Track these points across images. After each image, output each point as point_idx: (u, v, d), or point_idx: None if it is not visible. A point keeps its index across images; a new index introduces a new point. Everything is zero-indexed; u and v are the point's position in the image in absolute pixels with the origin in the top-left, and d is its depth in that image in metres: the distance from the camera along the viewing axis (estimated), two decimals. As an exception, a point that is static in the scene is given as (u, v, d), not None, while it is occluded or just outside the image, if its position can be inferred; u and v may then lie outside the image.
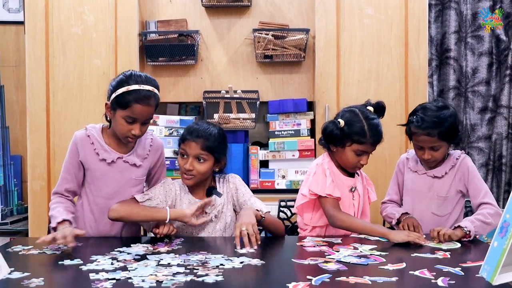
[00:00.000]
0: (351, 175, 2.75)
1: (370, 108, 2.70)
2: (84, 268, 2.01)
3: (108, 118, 2.57)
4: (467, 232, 2.50)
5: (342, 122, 2.63)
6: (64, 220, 2.40)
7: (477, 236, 2.59)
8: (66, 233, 2.27)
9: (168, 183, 2.67)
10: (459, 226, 2.52)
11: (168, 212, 2.51)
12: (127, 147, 2.61)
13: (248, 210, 2.55)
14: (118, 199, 2.58)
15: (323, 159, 2.74)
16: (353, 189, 2.72)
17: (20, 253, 2.27)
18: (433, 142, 2.65)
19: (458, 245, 2.41)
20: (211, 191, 2.68)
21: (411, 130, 2.71)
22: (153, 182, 2.75)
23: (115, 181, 2.60)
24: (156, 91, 2.50)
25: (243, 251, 2.27)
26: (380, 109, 2.73)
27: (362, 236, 2.60)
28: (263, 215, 2.56)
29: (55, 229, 2.39)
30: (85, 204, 2.62)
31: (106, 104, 2.53)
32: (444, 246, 2.38)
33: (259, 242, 2.38)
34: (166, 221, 2.51)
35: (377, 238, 2.51)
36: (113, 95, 2.47)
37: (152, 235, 2.59)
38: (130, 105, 2.44)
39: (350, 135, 2.61)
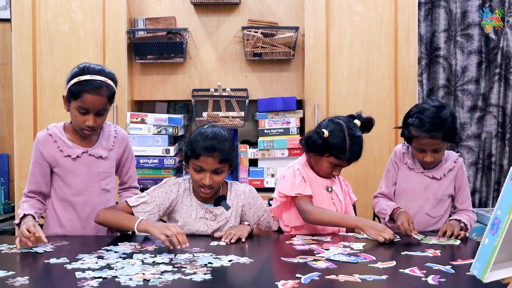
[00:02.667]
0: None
1: (357, 122, 2.65)
2: (70, 266, 1.98)
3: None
4: (464, 228, 2.60)
5: (326, 133, 2.59)
6: (26, 215, 2.41)
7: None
8: (29, 225, 2.30)
9: (170, 184, 2.57)
10: (459, 220, 2.62)
11: (136, 224, 2.35)
12: (91, 141, 2.59)
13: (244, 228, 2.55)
14: (88, 194, 2.58)
15: (299, 161, 2.73)
16: (329, 189, 2.69)
17: (3, 252, 2.24)
18: (437, 144, 2.61)
19: (458, 241, 2.45)
20: (220, 201, 2.58)
21: (410, 133, 2.65)
22: (123, 174, 2.74)
23: (83, 175, 2.57)
24: (109, 82, 2.49)
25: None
26: (367, 125, 2.68)
27: (351, 234, 2.59)
28: (251, 229, 2.56)
29: (18, 225, 2.40)
30: (56, 203, 2.59)
31: (63, 96, 2.54)
32: (444, 242, 2.43)
33: (233, 241, 2.42)
34: (135, 231, 2.39)
35: (366, 236, 2.50)
36: (67, 86, 2.48)
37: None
38: (81, 95, 2.43)
39: (330, 148, 2.57)
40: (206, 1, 4.02)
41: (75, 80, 2.45)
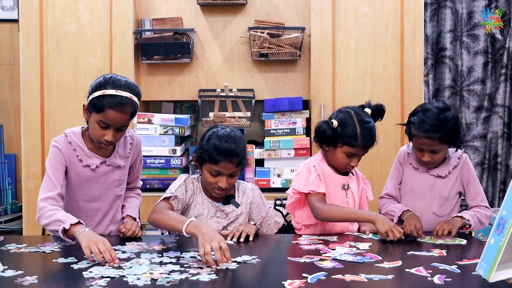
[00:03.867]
0: (345, 173, 2.74)
1: (368, 110, 2.67)
2: (78, 266, 2.00)
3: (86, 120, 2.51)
4: (467, 225, 2.56)
5: (335, 122, 2.60)
6: (79, 222, 2.23)
7: (473, 233, 2.60)
8: (107, 247, 2.07)
9: (188, 182, 2.61)
10: (461, 217, 2.57)
11: (185, 226, 2.23)
12: (108, 149, 2.54)
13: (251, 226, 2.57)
14: (102, 200, 2.57)
15: (315, 158, 2.73)
16: (345, 187, 2.70)
17: (11, 251, 2.25)
18: (434, 145, 2.61)
19: (464, 241, 2.42)
20: (229, 200, 2.63)
21: (411, 131, 2.67)
22: (131, 176, 2.71)
23: (99, 184, 2.55)
24: (134, 98, 2.40)
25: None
26: (378, 111, 2.70)
27: (356, 234, 2.60)
28: (257, 228, 2.59)
29: (66, 231, 2.21)
30: (68, 208, 2.46)
31: (83, 105, 2.46)
32: (450, 241, 2.41)
33: (242, 239, 2.44)
34: (183, 233, 2.30)
35: (371, 237, 2.51)
36: (90, 97, 2.40)
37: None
38: (104, 110, 2.35)
39: (342, 137, 2.58)
40: (212, 2, 4.03)
41: (99, 93, 2.36)
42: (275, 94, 4.11)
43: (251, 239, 2.45)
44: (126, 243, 2.35)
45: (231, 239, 2.42)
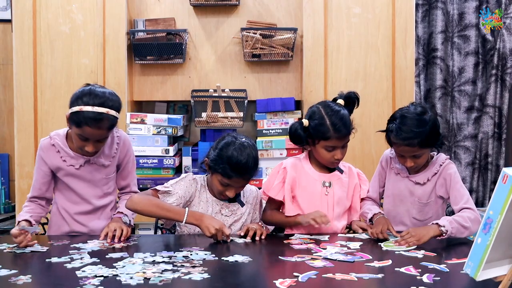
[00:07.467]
0: (331, 170, 2.73)
1: (341, 101, 2.67)
2: (71, 265, 2.02)
3: None
4: (444, 233, 2.43)
5: (306, 122, 2.61)
6: (22, 220, 2.46)
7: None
8: (13, 232, 2.33)
9: (189, 178, 2.63)
10: (437, 224, 2.45)
11: (186, 214, 2.45)
12: None
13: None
14: (93, 196, 2.64)
15: (300, 156, 2.76)
16: (326, 184, 2.70)
17: (4, 251, 2.27)
18: (414, 151, 2.58)
19: (421, 255, 2.22)
20: (235, 199, 2.65)
21: (390, 139, 2.64)
22: (122, 178, 2.75)
23: (86, 181, 2.62)
24: (111, 112, 2.43)
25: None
26: (352, 100, 2.70)
27: (349, 234, 2.62)
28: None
29: None
30: (61, 207, 2.66)
31: (66, 116, 2.48)
32: (397, 248, 2.32)
33: (257, 237, 2.50)
34: (182, 223, 2.48)
35: (362, 236, 2.53)
36: (69, 112, 2.45)
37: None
38: (81, 126, 2.41)
39: (315, 133, 2.59)
40: (205, 3, 4.05)
41: (77, 108, 2.41)
42: (268, 94, 4.13)
43: (263, 237, 2.50)
44: (88, 241, 2.39)
45: (244, 237, 2.48)
